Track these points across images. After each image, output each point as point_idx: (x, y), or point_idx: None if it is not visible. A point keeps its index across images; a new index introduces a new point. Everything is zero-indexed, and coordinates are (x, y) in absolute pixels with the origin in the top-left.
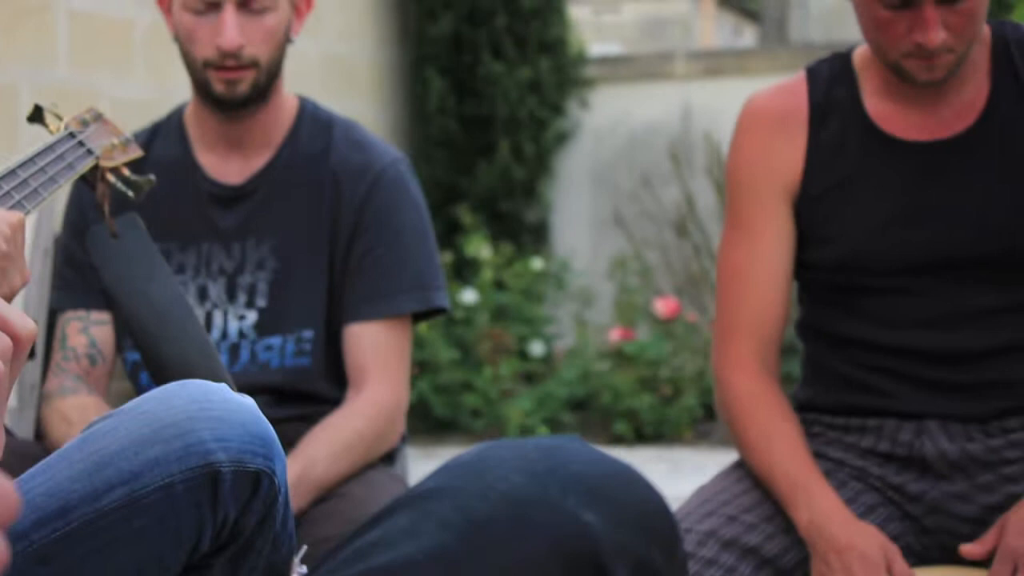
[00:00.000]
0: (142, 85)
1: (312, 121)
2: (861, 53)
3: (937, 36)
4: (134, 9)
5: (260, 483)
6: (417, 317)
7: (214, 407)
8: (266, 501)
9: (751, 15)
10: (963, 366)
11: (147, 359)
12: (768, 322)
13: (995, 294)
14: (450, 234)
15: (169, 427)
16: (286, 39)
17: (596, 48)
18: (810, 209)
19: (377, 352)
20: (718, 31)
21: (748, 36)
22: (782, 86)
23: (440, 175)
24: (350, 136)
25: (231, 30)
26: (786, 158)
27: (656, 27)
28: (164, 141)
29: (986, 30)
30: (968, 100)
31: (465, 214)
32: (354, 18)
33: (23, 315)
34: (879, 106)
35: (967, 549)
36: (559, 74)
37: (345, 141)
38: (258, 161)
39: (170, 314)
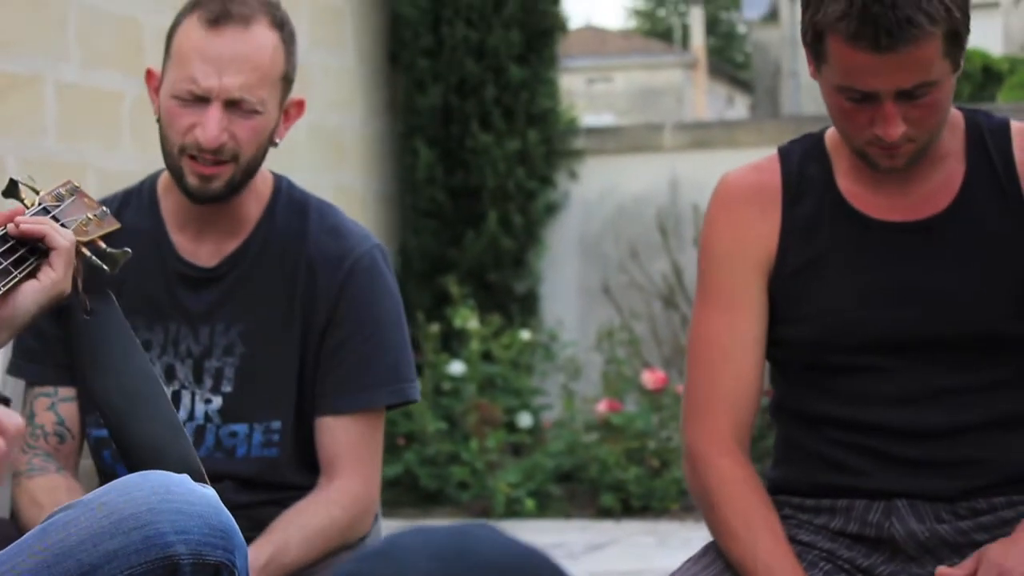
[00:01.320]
0: (130, 157)
1: (287, 202)
2: (833, 133)
3: (896, 131)
4: (123, 82)
5: (219, 575)
6: (389, 406)
7: (175, 499)
8: None
9: (743, 85)
10: (933, 443)
11: (116, 438)
12: (744, 399)
13: (964, 374)
14: (438, 305)
15: (129, 519)
16: (270, 141)
17: (588, 117)
18: (784, 287)
19: (351, 445)
20: (711, 100)
21: (740, 105)
22: (755, 165)
23: (428, 246)
24: (326, 221)
25: (214, 127)
26: (761, 235)
27: (649, 96)
28: (136, 211)
29: (959, 116)
30: (942, 183)
31: (453, 285)
32: (343, 89)
33: (10, 412)
34: (852, 186)
35: (944, 571)
36: (547, 145)
37: (321, 226)
38: (231, 244)
39: (141, 393)
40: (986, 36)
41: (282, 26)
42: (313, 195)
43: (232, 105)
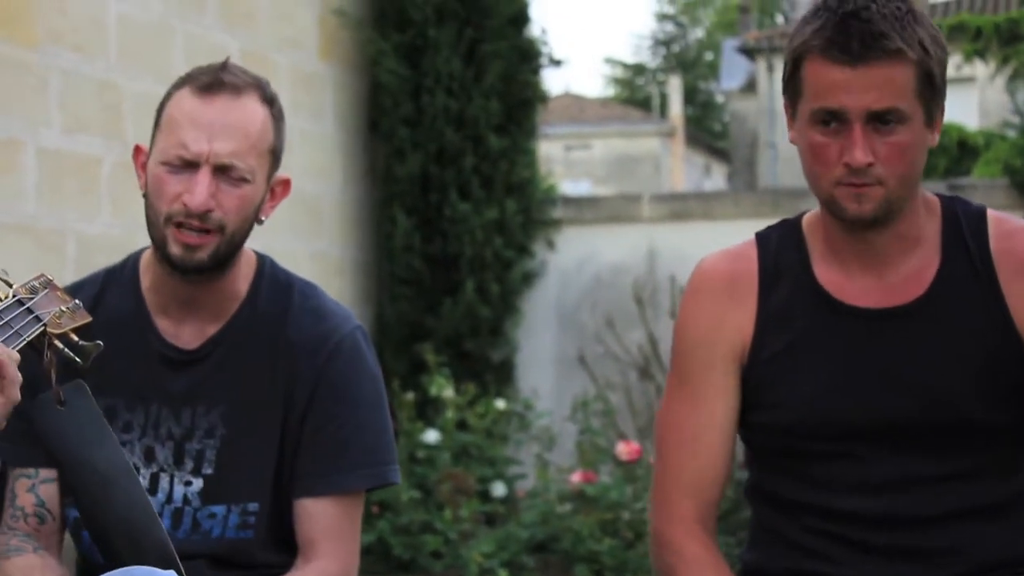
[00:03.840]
0: (109, 222)
1: (271, 283)
2: (809, 219)
3: (864, 156)
4: (102, 147)
5: None
6: (368, 488)
7: None
8: None
9: (721, 154)
10: (908, 532)
11: (90, 526)
12: (711, 484)
13: (939, 462)
14: (414, 373)
15: None
16: (255, 215)
17: (566, 184)
18: (758, 374)
19: (329, 527)
20: (688, 169)
21: (717, 174)
22: (732, 252)
23: (405, 313)
24: (308, 302)
25: (203, 191)
26: (736, 324)
27: (626, 164)
28: (117, 292)
29: (936, 202)
30: (918, 269)
31: (429, 353)
32: (322, 156)
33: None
34: (827, 272)
35: None
36: (525, 215)
37: (303, 307)
38: (213, 325)
39: (116, 482)
40: (962, 110)
41: (272, 102)
42: (296, 275)
43: (221, 172)
